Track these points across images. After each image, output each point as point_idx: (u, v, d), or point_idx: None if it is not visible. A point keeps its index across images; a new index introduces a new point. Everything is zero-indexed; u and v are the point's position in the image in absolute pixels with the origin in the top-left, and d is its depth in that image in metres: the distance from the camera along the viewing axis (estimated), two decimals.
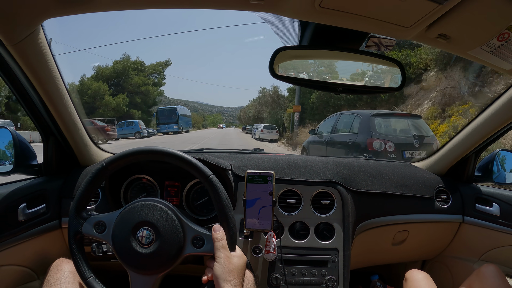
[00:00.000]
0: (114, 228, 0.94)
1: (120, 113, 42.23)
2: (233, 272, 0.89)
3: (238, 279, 0.89)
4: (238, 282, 0.89)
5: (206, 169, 0.97)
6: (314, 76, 1.10)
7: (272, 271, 1.30)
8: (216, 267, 0.89)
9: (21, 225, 1.20)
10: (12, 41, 0.94)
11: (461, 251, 1.71)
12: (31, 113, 1.26)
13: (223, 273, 0.88)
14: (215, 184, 0.96)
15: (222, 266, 0.88)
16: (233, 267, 0.90)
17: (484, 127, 1.44)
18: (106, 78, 46.10)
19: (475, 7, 0.70)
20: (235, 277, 0.89)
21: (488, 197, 1.56)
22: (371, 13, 0.76)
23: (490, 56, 0.86)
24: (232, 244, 0.94)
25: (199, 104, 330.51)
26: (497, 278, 1.13)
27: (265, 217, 1.24)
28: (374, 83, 1.14)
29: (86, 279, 0.93)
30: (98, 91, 41.88)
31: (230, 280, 0.87)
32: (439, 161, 1.73)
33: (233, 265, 0.90)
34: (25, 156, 1.28)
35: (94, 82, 43.23)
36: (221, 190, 0.96)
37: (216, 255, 0.90)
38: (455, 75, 12.59)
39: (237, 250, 0.96)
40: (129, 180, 1.45)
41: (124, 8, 0.87)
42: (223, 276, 0.87)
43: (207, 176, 0.96)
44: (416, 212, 1.57)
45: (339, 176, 1.43)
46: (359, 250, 1.52)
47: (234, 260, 0.92)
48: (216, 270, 0.88)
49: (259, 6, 0.81)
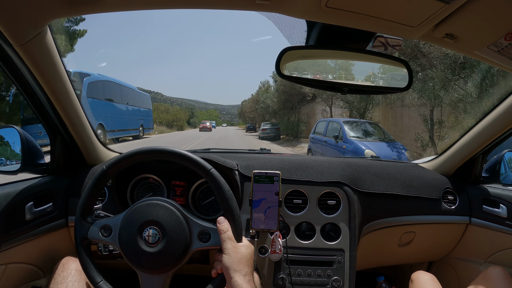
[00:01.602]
0: (120, 230, 0.94)
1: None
2: (241, 261, 0.89)
3: (247, 268, 0.90)
4: (248, 271, 0.89)
5: (206, 164, 0.97)
6: (320, 76, 1.10)
7: (278, 271, 1.30)
8: (224, 258, 0.89)
9: (28, 224, 1.21)
10: (19, 42, 0.95)
11: (467, 253, 1.69)
12: (38, 113, 1.27)
13: (232, 264, 0.88)
14: (216, 178, 0.96)
15: (231, 257, 0.89)
16: (241, 256, 0.90)
17: (492, 128, 1.43)
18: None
19: (482, 7, 0.69)
20: (245, 266, 0.89)
21: (495, 199, 1.55)
22: (377, 13, 0.76)
23: (498, 56, 0.86)
24: (238, 235, 0.94)
25: (196, 102, 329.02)
26: (504, 280, 1.12)
27: (271, 217, 1.24)
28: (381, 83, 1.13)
29: (97, 284, 0.93)
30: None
31: (240, 270, 0.88)
32: (446, 162, 1.71)
33: (241, 254, 0.90)
34: (33, 155, 1.29)
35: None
36: (223, 183, 0.96)
37: (224, 247, 0.91)
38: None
39: (243, 240, 0.96)
40: (136, 180, 1.45)
41: (131, 9, 0.87)
42: (232, 266, 0.88)
43: (207, 170, 0.96)
44: (422, 213, 1.56)
45: (345, 177, 1.42)
46: (365, 251, 1.52)
47: (242, 250, 0.92)
48: (224, 261, 0.89)
49: (265, 6, 0.81)
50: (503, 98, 1.35)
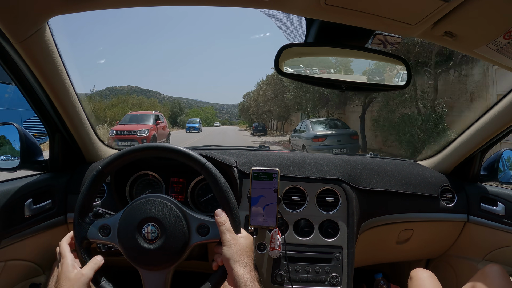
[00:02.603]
0: (119, 228, 0.94)
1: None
2: (241, 252, 0.89)
3: (248, 258, 0.90)
4: (248, 261, 0.89)
5: (201, 158, 0.97)
6: (319, 73, 1.10)
7: (276, 268, 1.30)
8: (224, 250, 0.89)
9: (27, 221, 1.21)
10: (19, 39, 0.95)
11: (465, 251, 1.70)
12: (37, 109, 1.27)
13: (232, 255, 0.88)
14: (211, 171, 0.96)
15: (230, 248, 0.89)
16: (241, 247, 0.90)
17: (490, 126, 1.44)
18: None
19: (481, 5, 0.69)
20: (245, 257, 0.89)
21: (493, 197, 1.55)
22: (376, 11, 0.76)
23: (497, 54, 0.86)
24: (236, 226, 0.94)
25: (195, 101, 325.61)
26: (501, 278, 1.13)
27: (270, 214, 1.24)
28: (379, 80, 1.13)
29: (99, 284, 0.94)
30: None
31: (240, 261, 0.88)
32: (445, 160, 1.72)
33: (241, 245, 0.91)
34: (32, 152, 1.29)
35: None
36: (219, 175, 0.96)
37: (223, 239, 0.91)
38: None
39: (242, 231, 0.96)
40: (135, 176, 1.45)
41: (129, 6, 0.87)
42: (232, 257, 0.88)
43: (202, 164, 0.96)
44: (421, 211, 1.57)
45: (344, 174, 1.42)
46: (363, 248, 1.52)
47: (241, 241, 0.92)
48: (225, 253, 0.89)
49: (265, 3, 0.81)
50: (502, 96, 1.36)
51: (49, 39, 1.06)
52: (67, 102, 1.26)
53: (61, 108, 1.27)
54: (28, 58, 1.04)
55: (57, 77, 1.17)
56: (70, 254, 0.92)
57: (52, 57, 1.11)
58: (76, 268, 0.90)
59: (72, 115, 1.32)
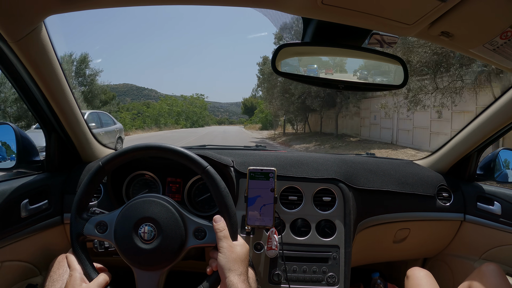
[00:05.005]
0: (116, 226, 0.94)
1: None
2: (237, 261, 0.89)
3: (242, 267, 0.89)
4: (243, 270, 0.89)
5: (202, 161, 0.97)
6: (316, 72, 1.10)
7: (273, 268, 1.30)
8: (220, 257, 0.89)
9: (23, 221, 1.21)
10: (14, 38, 0.94)
11: (462, 250, 1.71)
12: (33, 109, 1.26)
13: (227, 263, 0.88)
14: (212, 175, 0.96)
15: (226, 256, 0.89)
16: (236, 256, 0.90)
17: (486, 126, 1.44)
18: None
19: (478, 5, 0.69)
20: (240, 266, 0.89)
21: (489, 196, 1.56)
22: (373, 10, 0.76)
23: (493, 54, 0.86)
24: (233, 234, 0.94)
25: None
26: (498, 277, 1.13)
27: (267, 214, 1.24)
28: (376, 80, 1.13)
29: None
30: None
31: (235, 269, 0.87)
32: (441, 159, 1.72)
33: (237, 254, 0.90)
34: (28, 152, 1.28)
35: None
36: (219, 180, 0.96)
37: (219, 246, 0.90)
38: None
39: (239, 239, 0.96)
40: (131, 176, 1.45)
41: (126, 5, 0.86)
42: (227, 265, 0.88)
43: (203, 168, 0.96)
44: (417, 210, 1.57)
45: (340, 173, 1.43)
46: (360, 248, 1.53)
47: (237, 249, 0.92)
48: (220, 260, 0.89)
49: (262, 2, 0.81)
50: (498, 96, 1.36)
51: (45, 39, 1.05)
52: (63, 101, 1.26)
53: (57, 107, 1.26)
54: (24, 57, 1.03)
55: (53, 77, 1.16)
56: (78, 267, 0.91)
57: (48, 57, 1.10)
58: (85, 281, 0.89)
59: (68, 114, 1.32)
